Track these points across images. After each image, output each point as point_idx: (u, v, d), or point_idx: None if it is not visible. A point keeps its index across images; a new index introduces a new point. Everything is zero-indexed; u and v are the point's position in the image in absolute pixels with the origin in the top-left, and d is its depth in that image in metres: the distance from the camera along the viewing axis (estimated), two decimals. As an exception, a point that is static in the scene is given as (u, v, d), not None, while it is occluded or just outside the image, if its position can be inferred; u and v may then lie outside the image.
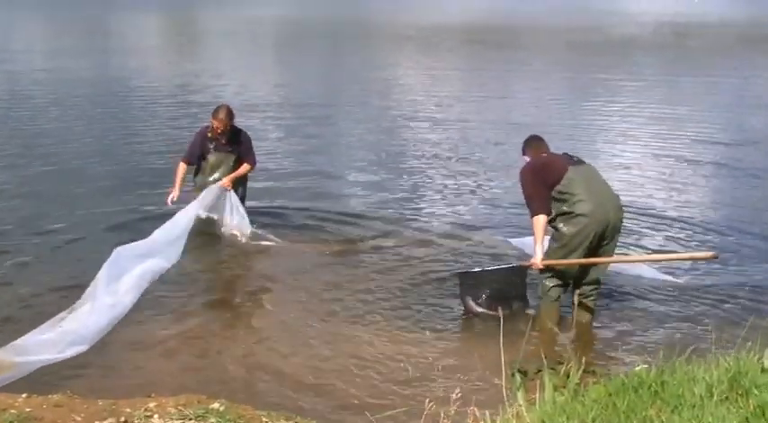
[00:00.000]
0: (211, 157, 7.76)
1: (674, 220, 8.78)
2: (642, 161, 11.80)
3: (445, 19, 46.01)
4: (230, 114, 7.64)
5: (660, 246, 7.88)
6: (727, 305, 6.33)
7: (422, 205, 9.30)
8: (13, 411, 4.22)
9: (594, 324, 5.97)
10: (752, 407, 3.15)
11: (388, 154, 12.05)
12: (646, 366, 3.67)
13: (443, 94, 18.47)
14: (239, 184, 7.94)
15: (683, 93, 19.20)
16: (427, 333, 5.75)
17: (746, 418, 3.05)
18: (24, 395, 4.47)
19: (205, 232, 7.64)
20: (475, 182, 10.27)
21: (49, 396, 4.45)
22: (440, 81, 21.09)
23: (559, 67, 25.13)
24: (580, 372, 3.58)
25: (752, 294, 6.55)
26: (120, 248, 6.26)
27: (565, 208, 5.74)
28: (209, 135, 7.74)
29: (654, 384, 3.43)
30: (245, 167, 7.85)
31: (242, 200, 7.92)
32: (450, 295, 6.40)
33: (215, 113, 7.63)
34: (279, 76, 22.47)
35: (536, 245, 5.83)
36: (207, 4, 56.15)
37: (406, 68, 23.80)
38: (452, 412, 3.47)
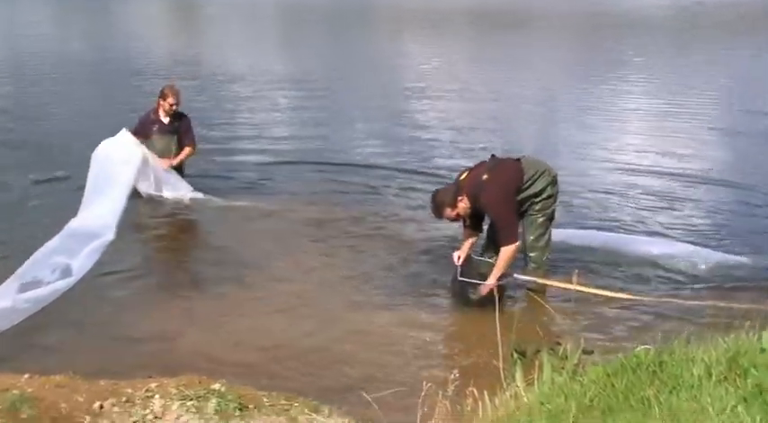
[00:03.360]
0: (157, 143, 8.09)
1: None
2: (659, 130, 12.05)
3: (454, 2, 45.73)
4: (179, 91, 8.20)
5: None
6: (726, 285, 6.31)
7: (423, 177, 9.26)
8: (15, 392, 4.23)
9: (592, 304, 5.96)
10: (750, 387, 3.14)
11: (392, 124, 12.18)
12: (645, 347, 3.66)
13: (449, 71, 18.55)
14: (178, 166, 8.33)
15: (698, 70, 19.17)
16: (423, 314, 5.75)
17: (744, 398, 3.04)
18: (26, 375, 4.48)
19: (173, 211, 7.97)
20: (481, 152, 10.26)
21: (51, 376, 4.46)
22: (447, 59, 21.09)
23: (572, 45, 25.08)
24: (579, 352, 3.58)
25: (751, 273, 6.52)
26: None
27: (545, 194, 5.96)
28: (153, 117, 8.16)
29: (652, 365, 3.42)
30: (187, 151, 8.26)
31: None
32: (447, 273, 6.31)
33: (167, 93, 8.05)
34: (285, 54, 22.50)
35: (498, 272, 5.80)
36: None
37: (412, 48, 23.74)
38: (450, 393, 3.48)
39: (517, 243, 5.81)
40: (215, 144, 10.35)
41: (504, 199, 5.81)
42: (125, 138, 7.73)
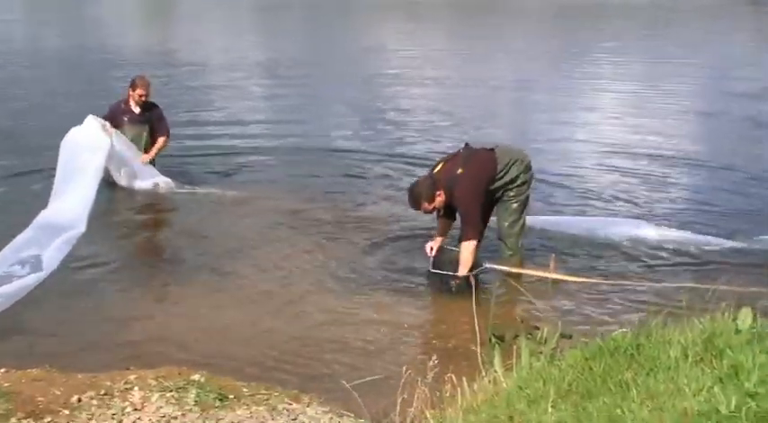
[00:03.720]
0: (128, 132, 8.03)
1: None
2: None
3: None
4: (149, 82, 8.20)
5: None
6: (703, 266, 6.37)
7: (399, 163, 9.26)
8: (-9, 386, 4.20)
9: (570, 289, 5.99)
10: (725, 367, 3.17)
11: (368, 110, 12.19)
12: (623, 330, 3.69)
13: (426, 57, 18.53)
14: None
15: (676, 53, 19.28)
16: (400, 302, 5.75)
17: (720, 379, 3.06)
18: (2, 370, 4.44)
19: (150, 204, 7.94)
20: (458, 138, 10.24)
21: (28, 370, 4.43)
22: (423, 46, 21.05)
23: (549, 31, 25.11)
24: (557, 337, 3.59)
25: (728, 254, 6.59)
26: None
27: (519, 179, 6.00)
28: (123, 107, 8.13)
29: (630, 348, 3.44)
30: (162, 141, 8.24)
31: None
32: (424, 260, 6.29)
33: (137, 84, 8.05)
34: (262, 43, 22.38)
35: (463, 266, 5.80)
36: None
37: (389, 35, 23.68)
38: (429, 379, 3.48)
39: (478, 240, 5.86)
40: (189, 131, 10.27)
41: (475, 195, 5.85)
42: (92, 124, 7.60)
